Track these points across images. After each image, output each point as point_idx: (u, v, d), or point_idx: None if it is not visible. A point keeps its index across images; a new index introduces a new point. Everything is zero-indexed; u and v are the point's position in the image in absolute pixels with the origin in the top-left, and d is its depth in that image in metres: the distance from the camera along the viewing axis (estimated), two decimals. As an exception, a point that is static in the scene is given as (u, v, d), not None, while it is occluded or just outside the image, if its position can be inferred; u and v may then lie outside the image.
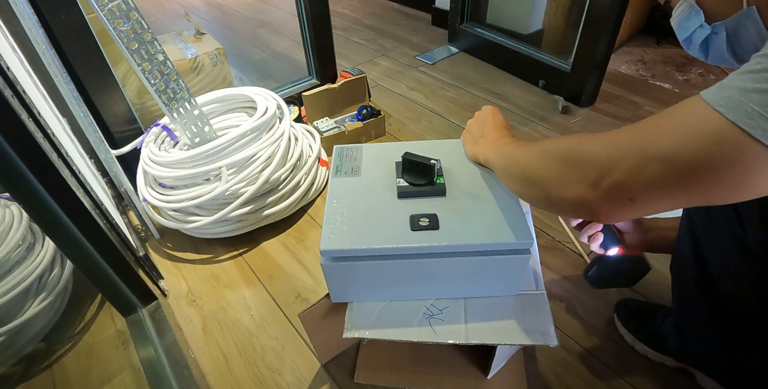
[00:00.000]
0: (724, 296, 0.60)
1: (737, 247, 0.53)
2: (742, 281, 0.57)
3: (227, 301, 0.99)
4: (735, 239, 0.53)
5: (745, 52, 0.49)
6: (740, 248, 0.53)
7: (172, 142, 1.09)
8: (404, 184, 0.66)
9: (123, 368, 0.90)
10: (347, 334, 0.65)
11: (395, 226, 0.61)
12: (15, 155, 0.59)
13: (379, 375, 0.82)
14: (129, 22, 0.84)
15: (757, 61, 0.35)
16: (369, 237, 0.60)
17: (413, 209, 0.63)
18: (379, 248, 0.59)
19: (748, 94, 0.35)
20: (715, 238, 0.57)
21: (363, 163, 0.73)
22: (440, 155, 0.70)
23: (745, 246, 0.52)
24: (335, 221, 0.62)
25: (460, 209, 0.63)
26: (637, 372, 0.81)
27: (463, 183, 0.67)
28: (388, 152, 0.74)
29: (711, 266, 0.60)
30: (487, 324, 0.65)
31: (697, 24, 0.51)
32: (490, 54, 1.80)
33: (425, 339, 0.64)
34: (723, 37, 0.49)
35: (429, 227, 0.60)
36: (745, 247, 0.52)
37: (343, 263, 0.61)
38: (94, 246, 0.76)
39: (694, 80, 1.66)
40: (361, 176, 0.70)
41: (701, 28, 0.51)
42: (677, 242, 0.66)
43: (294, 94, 1.51)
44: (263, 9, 2.50)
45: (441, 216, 0.61)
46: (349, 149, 0.76)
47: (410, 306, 0.68)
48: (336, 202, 0.65)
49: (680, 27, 0.54)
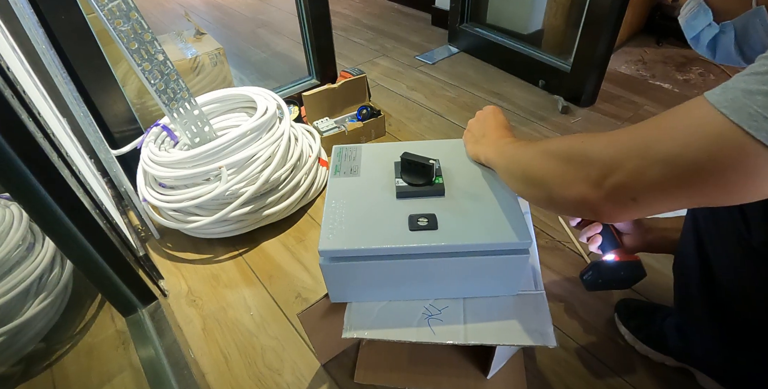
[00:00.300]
0: (727, 296, 0.60)
1: (742, 247, 0.53)
2: (745, 281, 0.56)
3: (227, 301, 0.99)
4: (740, 238, 0.53)
5: (752, 51, 0.49)
6: (745, 248, 0.52)
7: (172, 142, 1.09)
8: (403, 184, 0.66)
9: (123, 368, 0.90)
10: (346, 334, 0.65)
11: (394, 226, 0.61)
12: (15, 155, 0.59)
13: (378, 375, 0.82)
14: (129, 22, 0.84)
15: (762, 63, 0.35)
16: (368, 237, 0.60)
17: (412, 209, 0.63)
18: (377, 248, 0.59)
19: (752, 96, 0.34)
20: (720, 238, 0.57)
21: (362, 163, 0.73)
22: (439, 155, 0.70)
23: (751, 246, 0.51)
24: (334, 222, 0.62)
25: (459, 208, 0.63)
26: (637, 371, 0.81)
27: (462, 183, 0.67)
28: (387, 152, 0.73)
29: (714, 266, 0.59)
30: (486, 324, 0.65)
31: (705, 23, 0.51)
32: (490, 54, 1.80)
33: (424, 339, 0.64)
34: (731, 36, 0.49)
35: (428, 227, 0.60)
36: (750, 247, 0.52)
37: (341, 263, 0.61)
38: (94, 246, 0.76)
39: (694, 80, 1.66)
40: (360, 177, 0.70)
41: (709, 27, 0.51)
42: (680, 242, 0.66)
43: (294, 95, 1.51)
44: (263, 9, 2.50)
45: (440, 216, 0.61)
46: (348, 149, 0.76)
47: (409, 306, 0.68)
48: (335, 202, 0.65)
49: (688, 26, 0.54)
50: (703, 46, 0.54)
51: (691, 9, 0.51)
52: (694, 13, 0.51)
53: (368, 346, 0.86)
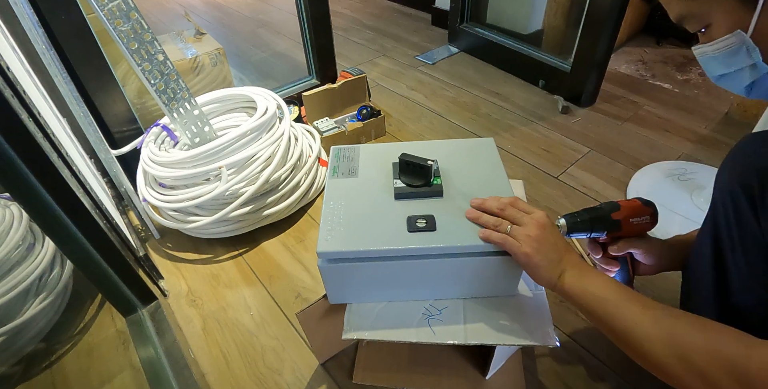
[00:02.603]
0: (739, 308, 0.56)
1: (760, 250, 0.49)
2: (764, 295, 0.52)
3: (227, 301, 0.99)
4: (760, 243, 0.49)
5: None
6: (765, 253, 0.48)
7: (172, 142, 1.09)
8: (401, 185, 0.66)
9: (123, 368, 0.90)
10: (346, 335, 0.65)
11: (392, 227, 0.61)
12: (15, 155, 0.59)
13: (377, 375, 0.82)
14: (129, 22, 0.84)
15: None
16: (366, 239, 0.59)
17: (410, 211, 0.63)
18: (376, 250, 0.59)
19: None
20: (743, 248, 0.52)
21: (360, 164, 0.72)
22: (438, 155, 0.70)
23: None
24: (332, 223, 0.62)
25: (457, 210, 0.63)
26: (636, 371, 0.81)
27: (461, 184, 0.67)
28: (386, 152, 0.73)
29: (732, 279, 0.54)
30: (486, 324, 0.64)
31: (748, 62, 0.45)
32: (490, 54, 1.80)
33: (424, 339, 0.64)
34: None
35: (426, 229, 0.60)
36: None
37: (340, 264, 0.60)
38: (94, 246, 0.76)
39: (694, 80, 1.66)
40: (358, 177, 0.70)
41: (753, 67, 0.46)
42: (694, 249, 0.61)
43: (294, 95, 1.51)
44: (263, 9, 2.50)
45: (438, 217, 0.61)
46: (346, 149, 0.76)
47: (409, 306, 0.68)
48: (333, 203, 0.65)
49: (720, 62, 0.47)
50: (740, 85, 0.49)
51: (729, 45, 0.45)
52: (733, 50, 0.45)
53: (367, 346, 0.86)
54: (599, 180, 1.24)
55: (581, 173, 1.27)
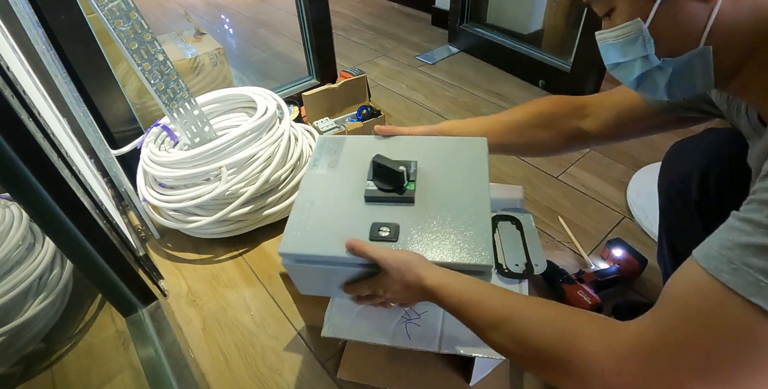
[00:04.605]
0: None
1: None
2: None
3: (227, 301, 0.99)
4: None
5: (681, 90, 0.46)
6: None
7: (172, 142, 1.09)
8: (373, 188, 0.62)
9: (123, 368, 0.90)
10: (325, 334, 0.65)
11: (355, 233, 0.57)
12: (15, 155, 0.59)
13: (361, 373, 0.82)
14: (129, 22, 0.84)
15: None
16: (326, 243, 0.57)
17: (377, 217, 0.59)
18: (332, 256, 0.57)
19: None
20: None
21: (341, 157, 0.69)
22: (423, 154, 0.66)
23: None
24: (299, 221, 0.60)
25: (424, 220, 0.59)
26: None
27: (437, 189, 0.62)
28: (370, 146, 0.69)
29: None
30: (463, 333, 0.62)
31: (641, 53, 0.44)
32: (490, 54, 1.80)
33: (399, 343, 0.63)
34: (668, 73, 0.45)
35: (387, 239, 0.57)
36: None
37: (301, 264, 0.59)
38: (94, 246, 0.76)
39: (694, 80, 1.66)
40: (336, 172, 0.67)
41: (645, 59, 0.45)
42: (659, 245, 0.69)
43: (294, 94, 1.51)
44: (263, 9, 2.50)
45: (403, 227, 0.58)
46: (332, 141, 0.72)
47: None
48: (304, 199, 0.63)
49: (616, 49, 0.46)
50: (630, 76, 0.48)
51: (628, 33, 0.44)
52: (630, 39, 0.44)
53: (353, 344, 0.86)
54: (599, 180, 1.24)
55: (581, 173, 1.27)
